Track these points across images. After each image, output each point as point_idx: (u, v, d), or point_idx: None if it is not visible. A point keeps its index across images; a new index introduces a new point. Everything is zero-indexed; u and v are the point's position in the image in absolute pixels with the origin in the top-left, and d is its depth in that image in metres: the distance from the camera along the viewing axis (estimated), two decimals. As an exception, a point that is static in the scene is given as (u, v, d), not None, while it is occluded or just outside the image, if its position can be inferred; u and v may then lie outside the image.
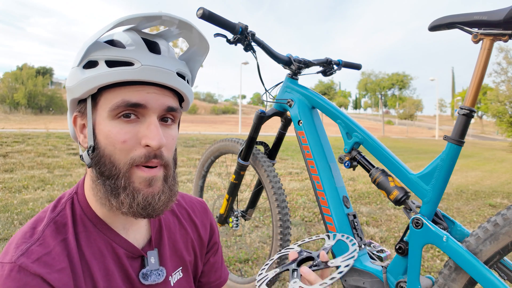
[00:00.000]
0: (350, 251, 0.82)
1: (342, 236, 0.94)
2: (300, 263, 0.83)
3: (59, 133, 9.88)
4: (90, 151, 0.59)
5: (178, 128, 0.70)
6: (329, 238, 0.95)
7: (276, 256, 0.94)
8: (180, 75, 0.63)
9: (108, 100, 0.57)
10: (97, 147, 0.58)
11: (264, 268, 0.87)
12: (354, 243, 0.87)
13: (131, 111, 0.57)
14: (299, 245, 0.92)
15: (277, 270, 0.83)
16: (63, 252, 0.56)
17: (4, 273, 0.50)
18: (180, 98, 0.66)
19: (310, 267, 0.79)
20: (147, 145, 0.57)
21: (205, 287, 0.83)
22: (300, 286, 0.72)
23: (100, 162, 0.58)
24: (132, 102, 0.56)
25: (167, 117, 0.62)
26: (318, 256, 0.81)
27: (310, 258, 0.84)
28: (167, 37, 0.66)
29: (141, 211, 0.57)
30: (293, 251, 0.85)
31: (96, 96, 0.58)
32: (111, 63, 0.56)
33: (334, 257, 1.08)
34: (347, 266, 0.75)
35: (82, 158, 0.61)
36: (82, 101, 0.61)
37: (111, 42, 0.59)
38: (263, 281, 0.80)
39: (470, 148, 17.51)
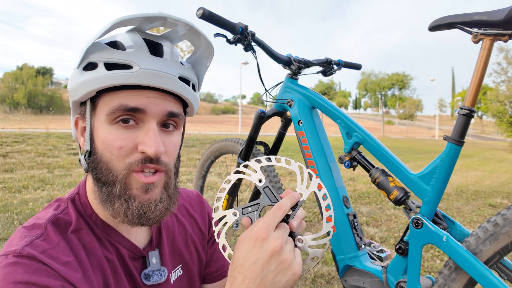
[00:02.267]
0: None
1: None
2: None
3: (59, 133, 9.87)
4: (86, 156, 0.58)
5: (183, 134, 0.68)
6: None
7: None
8: (184, 79, 0.61)
9: (106, 103, 0.56)
10: (94, 153, 0.57)
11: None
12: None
13: (129, 116, 0.55)
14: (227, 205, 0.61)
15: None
16: (67, 247, 0.55)
17: (9, 261, 0.49)
18: (184, 103, 0.64)
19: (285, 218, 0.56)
20: (143, 152, 0.55)
21: (209, 278, 0.81)
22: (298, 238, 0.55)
23: (97, 168, 0.56)
24: (130, 106, 0.54)
25: (168, 123, 0.60)
26: (273, 200, 0.59)
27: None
28: (172, 38, 0.64)
29: (136, 220, 0.56)
30: (244, 218, 0.58)
31: (95, 99, 0.57)
32: (110, 66, 0.55)
33: None
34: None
35: (81, 162, 0.60)
36: (83, 104, 0.60)
37: (113, 44, 0.57)
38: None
39: (470, 148, 17.50)
